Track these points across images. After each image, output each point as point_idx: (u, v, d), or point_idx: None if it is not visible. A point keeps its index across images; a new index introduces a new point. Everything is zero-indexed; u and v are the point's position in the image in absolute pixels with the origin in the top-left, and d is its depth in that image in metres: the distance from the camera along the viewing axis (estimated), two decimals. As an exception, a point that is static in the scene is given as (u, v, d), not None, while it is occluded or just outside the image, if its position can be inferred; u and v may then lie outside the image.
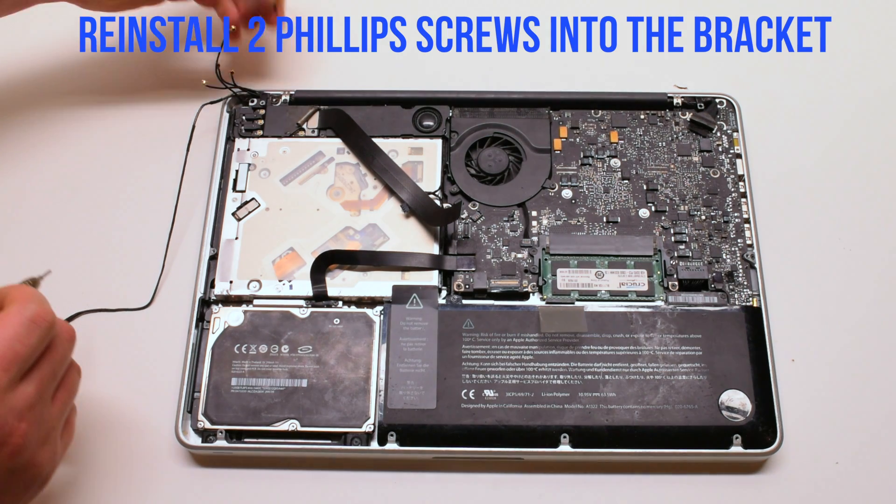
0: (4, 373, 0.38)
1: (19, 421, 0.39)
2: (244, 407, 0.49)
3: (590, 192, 0.57)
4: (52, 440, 0.42)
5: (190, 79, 0.62)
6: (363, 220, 0.55)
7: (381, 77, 0.64)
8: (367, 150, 0.57)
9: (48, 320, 0.40)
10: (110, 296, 0.55)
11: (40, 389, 0.40)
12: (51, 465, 0.42)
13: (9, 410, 0.38)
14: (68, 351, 0.43)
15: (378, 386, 0.50)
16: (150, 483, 0.50)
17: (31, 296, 0.41)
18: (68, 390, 0.43)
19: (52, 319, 0.41)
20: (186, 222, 0.57)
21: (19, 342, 0.39)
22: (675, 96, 0.60)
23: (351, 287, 0.53)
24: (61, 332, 0.42)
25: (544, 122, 0.59)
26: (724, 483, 0.50)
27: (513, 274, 0.53)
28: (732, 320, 0.52)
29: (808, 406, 0.52)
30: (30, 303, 0.40)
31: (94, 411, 0.51)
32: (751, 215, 0.55)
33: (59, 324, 0.42)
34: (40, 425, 0.40)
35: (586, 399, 0.49)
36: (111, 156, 0.60)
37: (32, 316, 0.39)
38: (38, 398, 0.40)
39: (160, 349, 0.53)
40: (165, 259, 0.56)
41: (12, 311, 0.39)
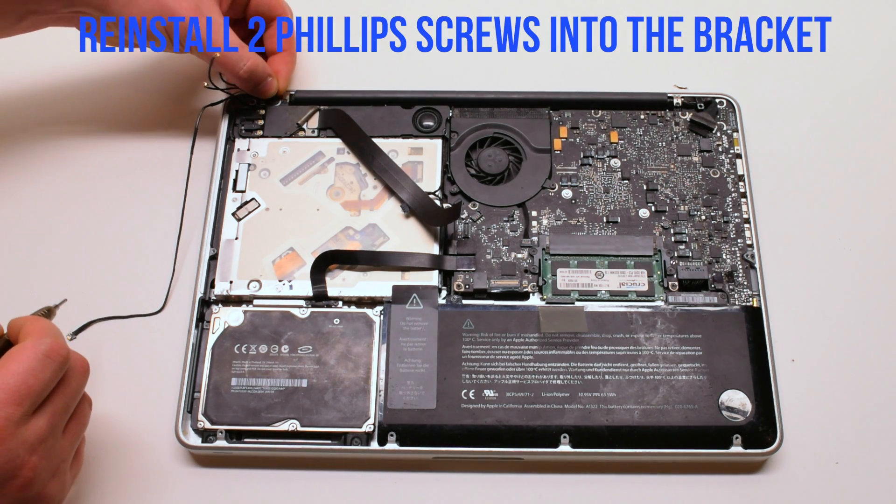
0: (18, 406, 0.39)
1: (30, 454, 0.39)
2: (244, 407, 0.49)
3: (590, 192, 0.57)
4: (62, 472, 0.42)
5: (190, 79, 0.62)
6: (363, 220, 0.55)
7: (381, 77, 0.64)
8: (367, 151, 0.57)
9: (63, 355, 0.41)
10: (116, 301, 0.55)
11: (53, 423, 0.41)
12: (59, 497, 0.42)
13: (20, 444, 0.39)
14: (82, 384, 0.43)
15: (378, 386, 0.50)
16: (150, 483, 0.50)
17: (45, 329, 0.41)
18: (80, 422, 0.44)
19: (66, 354, 0.41)
20: (186, 223, 0.57)
21: (33, 376, 0.39)
22: (675, 96, 0.60)
23: (351, 287, 0.53)
24: (76, 366, 0.42)
25: (544, 122, 0.59)
26: (724, 483, 0.50)
27: (513, 274, 0.53)
28: (732, 320, 0.52)
29: (808, 406, 0.52)
30: (45, 337, 0.40)
31: (94, 411, 0.51)
32: (751, 215, 0.55)
33: (74, 357, 0.42)
34: (51, 458, 0.41)
35: (586, 399, 0.49)
36: (114, 160, 0.60)
37: (47, 350, 0.40)
38: (51, 432, 0.40)
39: (160, 349, 0.53)
40: (175, 263, 0.56)
41: (27, 345, 0.40)
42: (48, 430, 0.40)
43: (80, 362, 0.43)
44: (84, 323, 0.54)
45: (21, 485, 0.39)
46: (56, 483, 0.42)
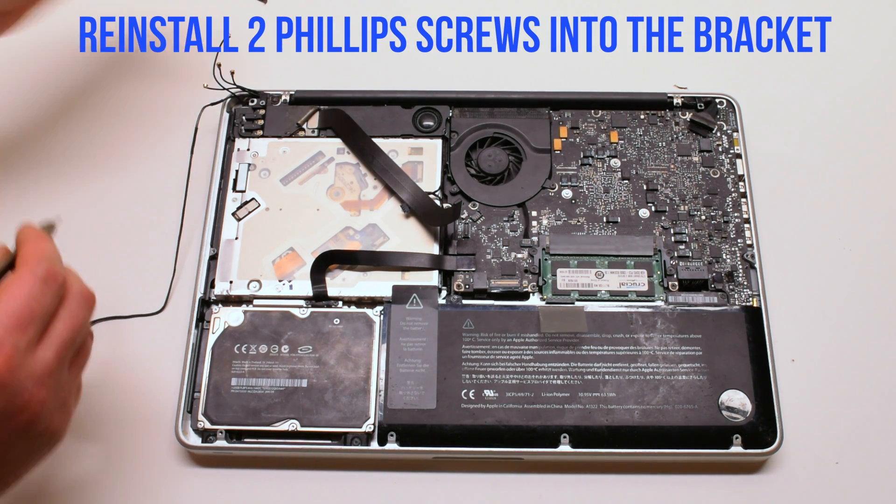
0: (23, 333, 0.38)
1: (38, 388, 0.38)
2: (244, 407, 0.49)
3: (590, 192, 0.57)
4: (68, 406, 0.41)
5: (190, 80, 0.62)
6: (363, 220, 0.55)
7: (381, 77, 0.64)
8: (367, 150, 0.57)
9: (60, 278, 0.40)
10: (117, 301, 0.55)
11: (60, 356, 0.39)
12: (65, 428, 0.41)
13: (28, 376, 0.38)
14: (87, 316, 0.42)
15: (378, 386, 0.50)
16: (150, 483, 0.50)
17: (42, 254, 0.40)
18: (84, 355, 0.43)
19: (63, 277, 0.40)
20: (186, 223, 0.57)
21: (35, 301, 0.38)
22: (675, 96, 0.60)
23: (351, 287, 0.53)
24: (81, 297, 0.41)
25: (544, 122, 0.59)
26: (724, 483, 0.50)
27: (513, 274, 0.53)
28: (732, 320, 0.52)
29: (808, 406, 0.52)
30: (42, 261, 0.40)
31: (94, 411, 0.51)
32: (751, 215, 0.55)
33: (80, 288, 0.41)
34: (58, 392, 0.40)
35: (586, 399, 0.49)
36: (113, 160, 0.60)
37: (44, 275, 0.39)
38: (58, 365, 0.39)
39: (160, 349, 0.53)
40: (176, 262, 0.56)
41: (24, 272, 0.39)
42: (55, 363, 0.39)
43: (86, 294, 0.42)
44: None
45: (28, 419, 0.38)
46: (62, 416, 0.40)
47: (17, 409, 0.38)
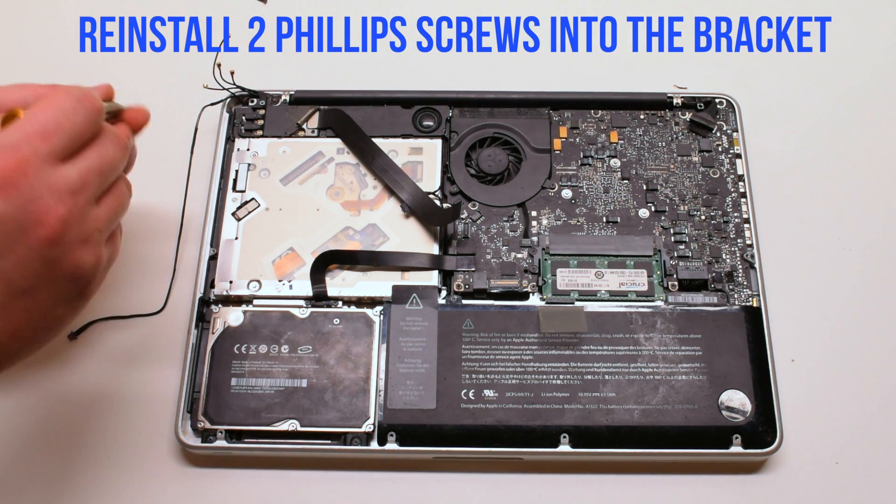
0: (44, 142, 0.36)
1: (57, 202, 0.36)
2: (244, 407, 0.49)
3: (590, 192, 0.57)
4: (95, 242, 0.39)
5: (190, 79, 0.62)
6: (363, 220, 0.55)
7: (381, 77, 0.64)
8: (367, 150, 0.57)
9: (96, 106, 0.39)
10: (117, 301, 0.55)
11: (84, 179, 0.38)
12: (93, 269, 0.39)
13: (44, 185, 0.36)
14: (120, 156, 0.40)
15: (378, 386, 0.50)
16: (150, 483, 0.50)
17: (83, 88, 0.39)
18: (117, 199, 0.41)
19: (100, 106, 0.39)
20: (186, 223, 0.57)
21: (64, 116, 0.37)
22: (674, 96, 0.60)
23: (351, 287, 0.53)
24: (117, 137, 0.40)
25: (544, 122, 0.59)
26: (724, 483, 0.50)
27: (513, 274, 0.53)
28: (732, 320, 0.52)
29: (808, 406, 0.52)
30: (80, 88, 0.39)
31: (94, 411, 0.51)
32: (751, 215, 0.55)
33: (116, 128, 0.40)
34: (82, 221, 0.38)
35: (586, 399, 0.49)
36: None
37: (80, 96, 0.38)
38: (81, 187, 0.37)
39: (160, 349, 0.53)
40: (176, 262, 0.56)
41: (59, 90, 0.38)
42: (78, 183, 0.37)
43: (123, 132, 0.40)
44: (85, 323, 0.54)
45: (46, 236, 0.36)
46: (89, 251, 0.38)
47: (33, 219, 0.36)
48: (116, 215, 0.41)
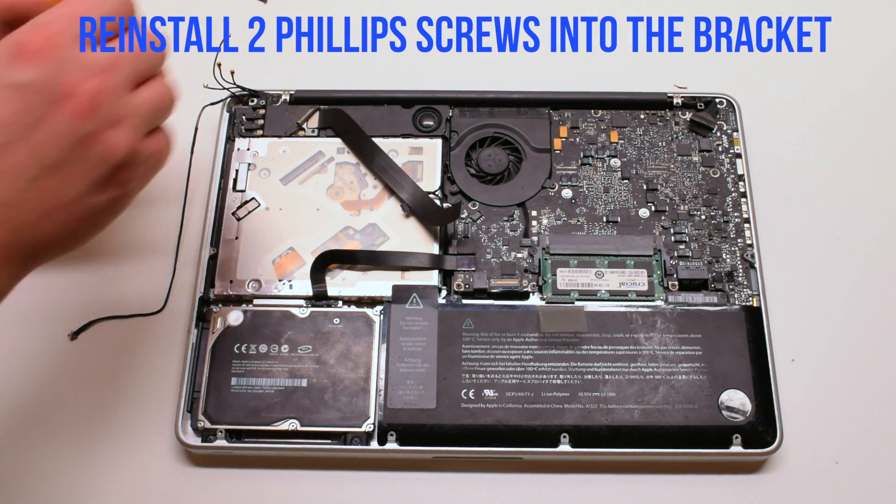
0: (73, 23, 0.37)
1: (88, 77, 0.36)
2: (244, 407, 0.49)
3: (590, 191, 0.57)
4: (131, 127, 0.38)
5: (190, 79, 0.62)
6: (363, 220, 0.55)
7: (381, 77, 0.64)
8: (367, 150, 0.57)
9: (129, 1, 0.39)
10: (117, 301, 0.55)
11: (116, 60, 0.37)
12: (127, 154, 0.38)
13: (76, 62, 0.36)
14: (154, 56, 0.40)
15: (378, 386, 0.50)
16: (150, 483, 0.50)
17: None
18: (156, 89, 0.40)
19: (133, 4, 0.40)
20: (186, 223, 0.57)
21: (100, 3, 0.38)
22: (675, 96, 0.60)
23: (351, 287, 0.53)
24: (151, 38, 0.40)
25: (544, 121, 0.59)
26: (724, 483, 0.50)
27: (513, 274, 0.53)
28: (732, 320, 0.52)
29: (808, 406, 0.52)
30: None
31: (94, 410, 0.51)
32: (751, 215, 0.55)
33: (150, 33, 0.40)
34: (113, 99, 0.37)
35: (586, 399, 0.49)
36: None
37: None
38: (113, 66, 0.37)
39: (160, 349, 0.53)
40: (176, 262, 0.56)
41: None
42: (109, 62, 0.37)
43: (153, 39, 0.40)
44: (85, 322, 0.54)
45: (76, 109, 0.36)
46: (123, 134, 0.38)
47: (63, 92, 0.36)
48: (155, 107, 0.40)
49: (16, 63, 0.35)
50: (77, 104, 0.36)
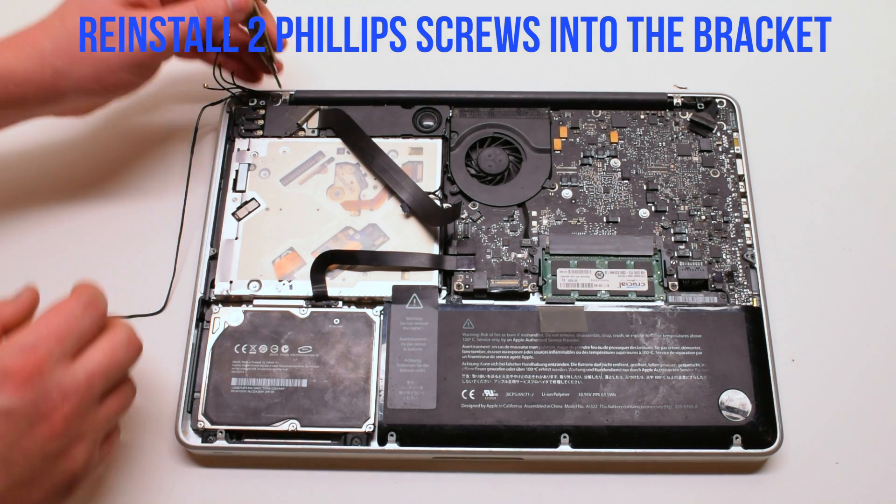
0: (58, 344, 0.40)
1: (63, 401, 0.40)
2: (244, 407, 0.49)
3: (590, 192, 0.57)
4: (90, 442, 0.42)
5: (190, 79, 0.62)
6: (363, 220, 0.55)
7: (381, 77, 0.64)
8: (367, 150, 0.57)
9: (103, 306, 0.43)
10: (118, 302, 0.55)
11: (90, 380, 0.41)
12: (83, 469, 0.42)
13: (55, 385, 0.40)
14: (128, 358, 0.44)
15: (378, 386, 0.50)
16: (150, 483, 0.50)
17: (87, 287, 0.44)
18: (119, 401, 0.44)
19: (105, 309, 0.43)
20: (186, 223, 0.57)
21: (74, 320, 0.41)
22: (675, 96, 0.60)
23: (351, 287, 0.53)
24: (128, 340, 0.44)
25: (544, 122, 0.59)
26: (724, 483, 0.50)
27: (513, 274, 0.53)
28: (732, 320, 0.52)
29: (808, 406, 0.52)
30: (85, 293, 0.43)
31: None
32: (751, 215, 0.55)
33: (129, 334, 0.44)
34: (82, 418, 0.41)
35: (586, 399, 0.49)
36: (114, 161, 0.60)
37: (86, 301, 0.42)
38: (86, 387, 0.41)
39: (160, 349, 0.53)
40: (177, 263, 0.56)
41: (70, 297, 0.43)
42: (84, 384, 0.41)
43: (132, 340, 0.44)
44: None
45: (49, 432, 0.39)
46: (82, 449, 0.41)
47: (41, 416, 0.39)
48: (116, 416, 0.44)
49: (4, 390, 0.38)
50: (52, 427, 0.39)
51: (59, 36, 0.50)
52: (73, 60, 0.50)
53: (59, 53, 0.50)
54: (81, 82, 0.50)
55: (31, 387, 0.39)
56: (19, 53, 0.49)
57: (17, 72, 0.49)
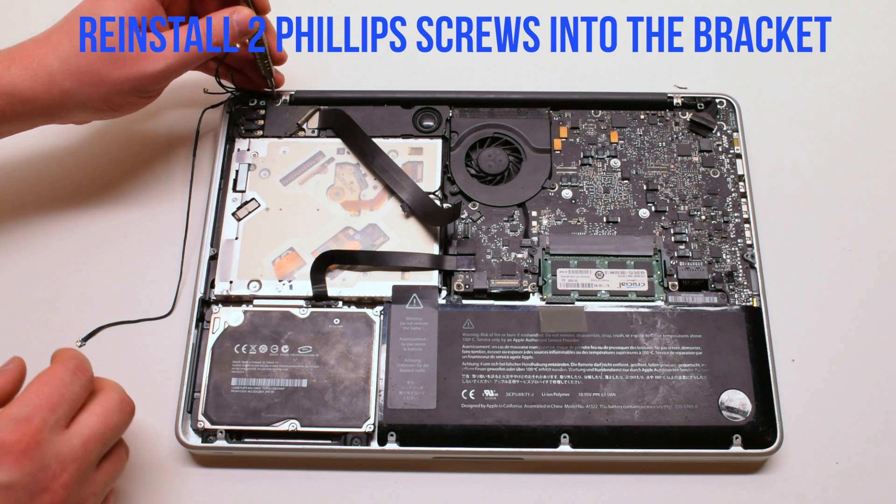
0: (51, 412, 0.40)
1: (62, 470, 0.40)
2: (244, 407, 0.49)
3: (590, 192, 0.57)
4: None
5: (190, 85, 0.62)
6: (363, 220, 0.55)
7: (381, 77, 0.64)
8: (367, 150, 0.57)
9: (89, 372, 0.44)
10: (124, 305, 0.55)
11: (87, 446, 0.41)
12: None
13: (53, 455, 0.40)
14: (123, 421, 0.44)
15: (378, 386, 0.50)
16: (151, 483, 0.50)
17: (72, 353, 0.44)
18: (115, 465, 0.44)
19: (91, 374, 0.44)
20: (191, 225, 0.57)
21: (65, 387, 0.42)
22: (675, 96, 0.60)
23: (351, 287, 0.53)
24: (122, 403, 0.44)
25: (544, 122, 0.59)
26: (724, 483, 0.50)
27: (513, 274, 0.53)
28: (732, 320, 0.52)
29: (808, 406, 0.52)
30: (72, 358, 0.43)
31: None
32: (751, 215, 0.55)
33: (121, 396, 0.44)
34: (82, 485, 0.41)
35: (586, 399, 0.49)
36: (114, 162, 0.60)
37: (74, 368, 0.43)
38: (84, 454, 0.41)
39: (160, 350, 0.53)
40: (182, 265, 0.56)
41: (57, 364, 0.43)
42: (81, 451, 0.41)
43: (125, 401, 0.44)
44: (93, 329, 0.54)
45: (51, 502, 0.40)
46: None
47: (42, 487, 0.39)
48: (112, 479, 0.45)
49: (2, 464, 0.39)
50: (53, 497, 0.40)
51: (68, 57, 0.50)
52: (83, 83, 0.50)
53: (68, 75, 0.50)
54: (89, 102, 0.51)
55: (30, 459, 0.39)
56: (26, 72, 0.49)
57: (24, 91, 0.49)
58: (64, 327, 0.54)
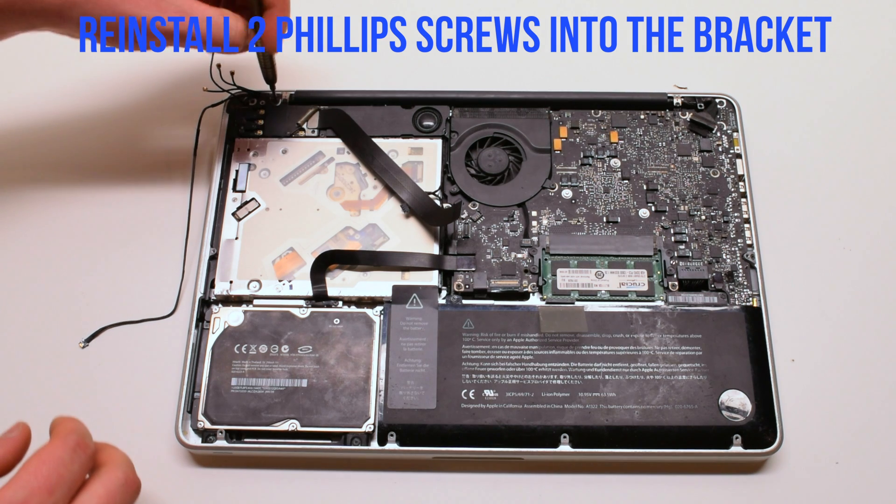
0: (49, 495, 0.39)
1: None
2: (244, 407, 0.49)
3: (590, 192, 0.57)
4: None
5: (189, 84, 0.62)
6: (363, 220, 0.55)
7: (381, 77, 0.64)
8: (367, 150, 0.57)
9: (90, 448, 0.42)
10: (125, 306, 0.55)
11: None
12: None
13: None
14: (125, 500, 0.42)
15: (378, 386, 0.50)
16: (150, 483, 0.50)
17: (73, 426, 0.42)
18: None
19: (93, 451, 0.42)
20: (192, 226, 0.57)
21: (63, 466, 0.40)
22: (675, 96, 0.60)
23: (351, 287, 0.53)
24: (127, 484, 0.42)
25: (544, 122, 0.59)
26: (724, 483, 0.50)
27: (513, 274, 0.53)
28: (732, 320, 0.52)
29: (808, 406, 0.52)
30: (72, 433, 0.41)
31: (97, 412, 0.51)
32: (751, 215, 0.55)
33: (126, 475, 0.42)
34: None
35: (586, 399, 0.49)
36: (114, 162, 0.60)
37: (74, 445, 0.41)
38: None
39: (160, 350, 0.53)
40: (185, 266, 0.56)
41: (56, 441, 0.41)
42: None
43: (130, 480, 0.43)
44: (96, 329, 0.54)
45: None
46: None
47: None
48: None
49: None
50: None
51: None
52: None
53: None
54: None
55: None
56: None
57: None
58: (66, 328, 0.54)
